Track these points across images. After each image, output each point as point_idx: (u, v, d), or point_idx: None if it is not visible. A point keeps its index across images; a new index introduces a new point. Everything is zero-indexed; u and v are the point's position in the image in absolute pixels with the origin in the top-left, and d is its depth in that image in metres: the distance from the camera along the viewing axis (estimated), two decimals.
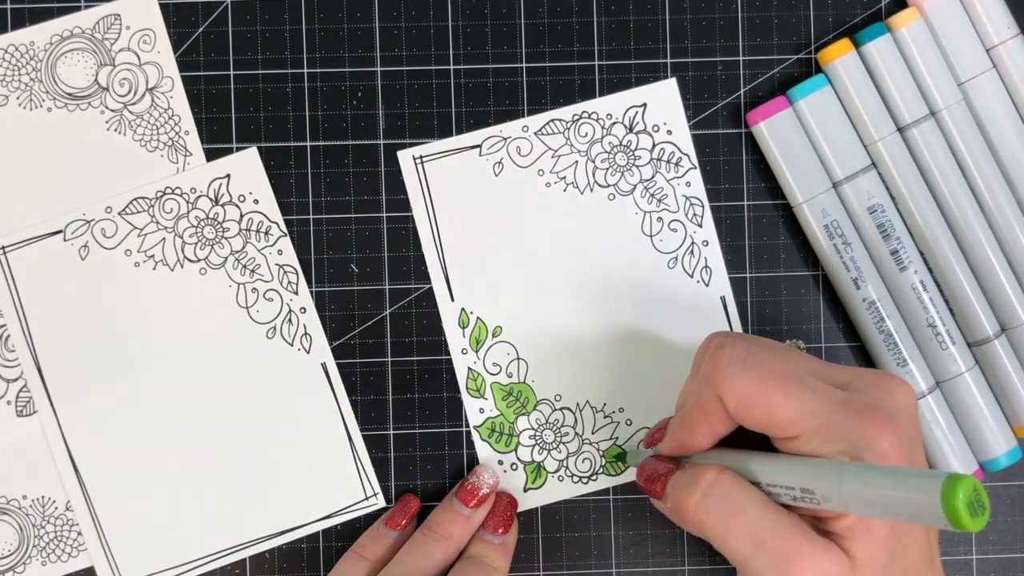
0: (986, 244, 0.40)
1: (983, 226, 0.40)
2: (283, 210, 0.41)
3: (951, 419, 0.40)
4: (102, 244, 0.40)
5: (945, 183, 0.39)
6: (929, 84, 0.39)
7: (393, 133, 0.41)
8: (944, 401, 0.40)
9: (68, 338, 0.40)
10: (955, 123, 0.39)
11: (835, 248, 0.40)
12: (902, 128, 0.40)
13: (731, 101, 0.41)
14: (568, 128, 0.41)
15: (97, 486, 0.40)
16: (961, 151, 0.40)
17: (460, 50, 0.41)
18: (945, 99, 0.39)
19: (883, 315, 0.40)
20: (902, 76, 0.39)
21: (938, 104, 0.39)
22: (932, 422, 0.40)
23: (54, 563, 0.40)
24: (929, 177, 0.40)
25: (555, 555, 0.41)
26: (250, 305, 0.40)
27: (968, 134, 0.40)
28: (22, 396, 0.40)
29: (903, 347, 0.40)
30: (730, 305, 0.41)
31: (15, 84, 0.40)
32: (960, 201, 0.40)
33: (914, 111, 0.39)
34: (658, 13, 0.41)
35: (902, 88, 0.39)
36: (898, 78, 0.39)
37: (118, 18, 0.40)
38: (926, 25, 0.40)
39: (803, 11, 0.41)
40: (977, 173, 0.40)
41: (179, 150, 0.41)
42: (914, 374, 0.40)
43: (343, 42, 0.41)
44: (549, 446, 0.41)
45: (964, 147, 0.40)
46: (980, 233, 0.40)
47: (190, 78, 0.41)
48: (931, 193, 0.40)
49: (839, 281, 0.40)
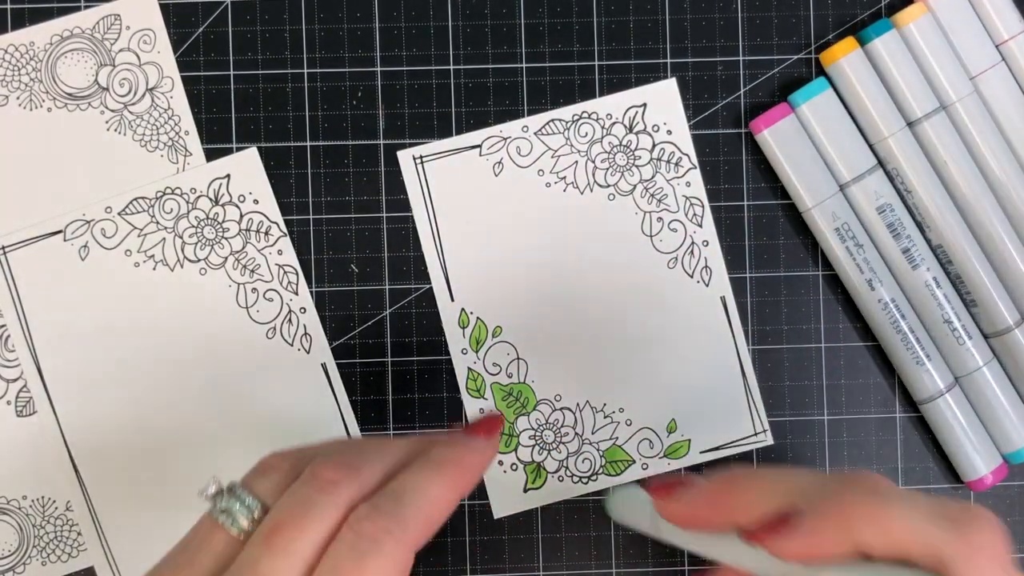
0: (1003, 233, 0.40)
1: (1000, 216, 0.40)
2: (283, 210, 0.41)
3: (972, 414, 0.40)
4: (102, 244, 0.40)
5: (959, 174, 0.40)
6: (940, 78, 0.40)
7: (393, 133, 0.41)
8: (964, 397, 0.40)
9: (68, 338, 0.40)
10: (968, 115, 0.40)
11: (848, 251, 0.40)
12: (912, 123, 0.40)
13: (731, 101, 0.41)
14: (568, 128, 0.41)
15: (97, 486, 0.40)
16: (975, 141, 0.40)
17: (460, 50, 0.41)
18: (957, 92, 0.40)
19: (899, 314, 0.40)
20: (911, 71, 0.40)
21: (950, 97, 0.40)
22: (952, 420, 0.40)
23: (54, 563, 0.40)
24: (942, 170, 0.40)
25: (555, 555, 0.41)
26: (250, 305, 0.40)
27: (981, 124, 0.40)
28: (22, 396, 0.40)
29: (921, 346, 0.40)
30: (730, 305, 0.41)
31: (15, 84, 0.40)
32: (975, 191, 0.40)
33: (924, 106, 0.39)
34: (658, 13, 0.41)
35: (911, 83, 0.39)
36: (907, 73, 0.39)
37: (118, 18, 0.40)
38: (934, 20, 0.40)
39: (803, 11, 0.41)
40: (993, 161, 0.40)
41: (179, 150, 0.41)
42: (932, 373, 0.40)
43: (343, 42, 0.41)
44: (549, 446, 0.41)
45: (978, 137, 0.40)
46: (997, 223, 0.40)
47: (190, 78, 0.41)
48: (944, 186, 0.40)
49: (853, 283, 0.40)
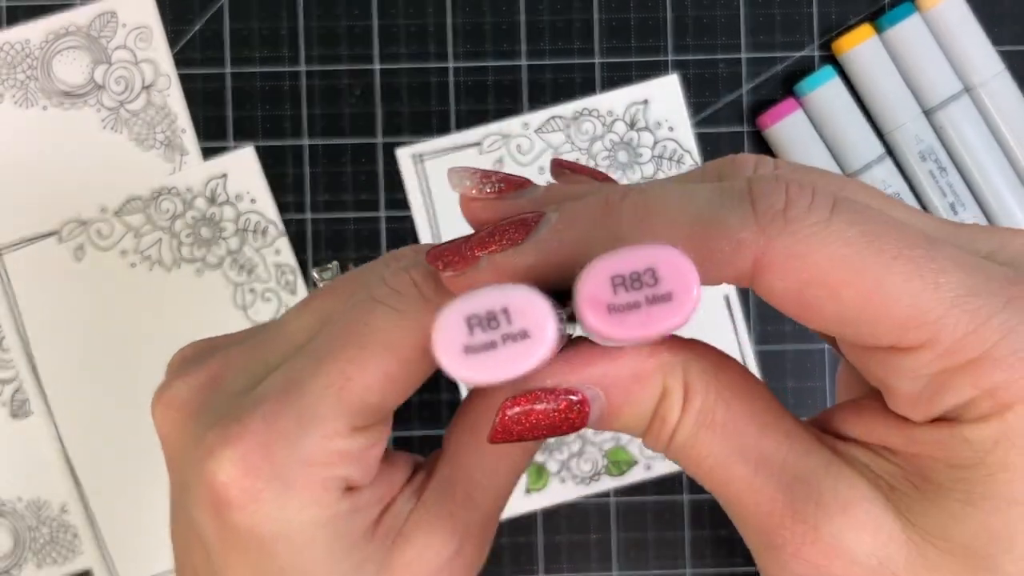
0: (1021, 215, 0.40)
1: (1020, 200, 0.40)
2: (280, 209, 0.40)
3: None
4: (98, 245, 0.40)
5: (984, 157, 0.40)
6: (970, 56, 0.40)
7: (392, 131, 0.41)
8: None
9: (64, 340, 0.40)
10: (993, 96, 0.40)
11: None
12: (931, 110, 0.40)
13: (733, 98, 0.41)
14: (569, 125, 0.41)
15: (94, 488, 0.40)
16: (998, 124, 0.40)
17: (459, 47, 0.41)
18: (986, 72, 0.40)
19: None
20: (934, 55, 0.40)
21: (979, 78, 0.40)
22: None
23: (49, 566, 0.40)
24: (961, 155, 0.40)
25: (556, 558, 0.40)
26: (248, 306, 0.40)
27: (1012, 102, 0.40)
28: (17, 397, 0.40)
29: None
30: (733, 303, 0.41)
31: (10, 82, 0.40)
32: (992, 176, 0.40)
33: (945, 91, 0.40)
34: (659, 10, 0.41)
35: (937, 66, 0.40)
36: (931, 57, 0.40)
37: (114, 15, 0.40)
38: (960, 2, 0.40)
39: (805, 7, 0.41)
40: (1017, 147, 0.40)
41: (175, 149, 0.40)
42: None
43: (341, 39, 0.41)
44: (551, 447, 0.40)
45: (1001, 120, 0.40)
46: (1017, 208, 0.40)
47: (187, 76, 0.40)
48: (960, 172, 0.40)
49: None
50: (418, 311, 0.19)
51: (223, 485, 0.19)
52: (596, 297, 0.15)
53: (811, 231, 0.16)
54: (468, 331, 0.15)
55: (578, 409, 0.18)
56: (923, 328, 0.15)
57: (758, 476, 0.17)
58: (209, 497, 0.19)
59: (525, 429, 0.18)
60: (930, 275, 0.15)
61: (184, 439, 0.21)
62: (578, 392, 0.18)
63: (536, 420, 0.18)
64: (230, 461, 0.19)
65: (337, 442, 0.19)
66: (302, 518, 0.19)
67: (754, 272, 0.16)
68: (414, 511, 0.21)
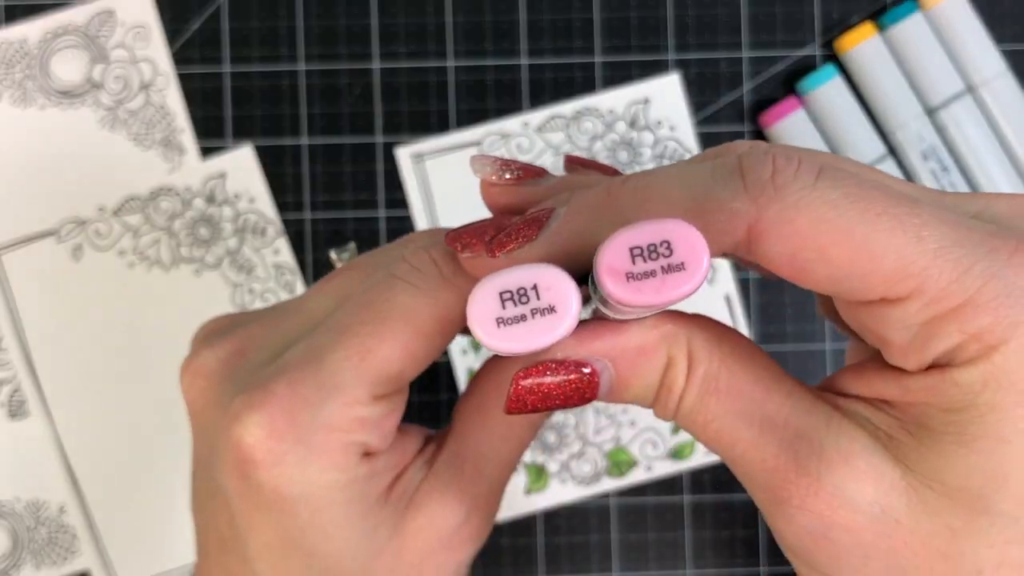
0: None
1: None
2: (279, 209, 0.40)
3: None
4: (96, 245, 0.40)
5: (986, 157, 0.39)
6: (972, 55, 0.39)
7: (391, 130, 0.40)
8: None
9: (62, 340, 0.39)
10: (995, 95, 0.40)
11: None
12: (933, 109, 0.40)
13: (734, 97, 0.41)
14: (569, 124, 0.40)
15: (92, 488, 0.39)
16: (1000, 124, 0.40)
17: (459, 46, 0.41)
18: (988, 71, 0.39)
19: None
20: (936, 54, 0.39)
21: (981, 77, 0.39)
22: None
23: (48, 566, 0.40)
24: (963, 154, 0.40)
25: (556, 559, 0.40)
26: (247, 306, 0.40)
27: (1015, 102, 0.40)
28: (15, 398, 0.40)
29: None
30: (734, 303, 0.41)
31: (8, 81, 0.40)
32: (994, 176, 0.39)
33: (947, 90, 0.39)
34: (660, 9, 0.41)
35: (939, 65, 0.39)
36: (934, 55, 0.39)
37: (112, 14, 0.40)
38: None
39: (807, 6, 0.41)
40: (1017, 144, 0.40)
41: (174, 148, 0.40)
42: None
43: (340, 38, 0.40)
44: (551, 448, 0.40)
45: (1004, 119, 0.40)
46: None
47: (185, 75, 0.40)
48: (962, 171, 0.40)
49: None
50: (437, 288, 0.21)
51: (249, 447, 0.20)
52: (616, 266, 0.16)
53: (797, 196, 0.17)
54: (500, 305, 0.17)
55: (588, 379, 0.19)
56: (909, 279, 0.16)
57: (762, 436, 0.18)
58: (236, 459, 0.20)
59: (538, 399, 0.19)
60: (912, 229, 0.16)
61: (211, 406, 0.22)
62: (588, 364, 0.19)
63: (548, 390, 0.19)
64: (256, 425, 0.20)
65: (358, 409, 0.20)
66: (323, 480, 0.20)
67: (749, 240, 0.17)
68: (425, 480, 0.23)
